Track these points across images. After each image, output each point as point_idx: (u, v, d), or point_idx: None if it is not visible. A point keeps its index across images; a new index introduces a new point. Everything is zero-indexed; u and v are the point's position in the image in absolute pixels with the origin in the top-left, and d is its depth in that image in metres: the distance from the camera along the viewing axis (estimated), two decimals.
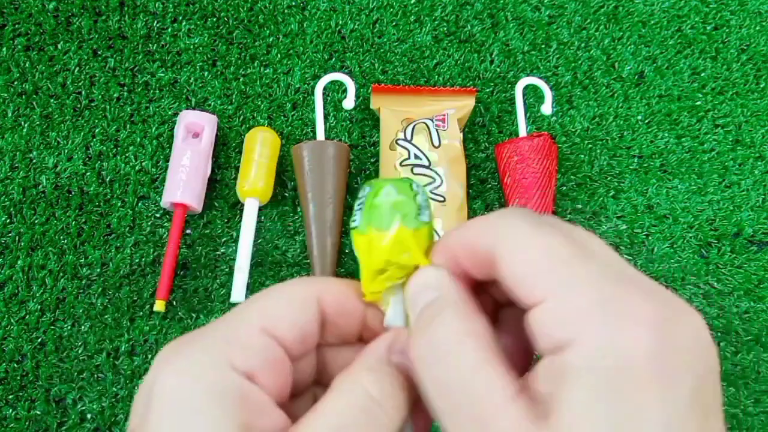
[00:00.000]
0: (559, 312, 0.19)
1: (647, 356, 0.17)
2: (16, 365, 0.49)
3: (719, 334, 0.53)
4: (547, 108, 0.56)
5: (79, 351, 0.50)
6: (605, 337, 0.18)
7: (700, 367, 0.18)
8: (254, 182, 0.52)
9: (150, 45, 0.57)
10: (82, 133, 0.54)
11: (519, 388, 0.19)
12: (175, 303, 0.51)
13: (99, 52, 0.56)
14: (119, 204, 0.53)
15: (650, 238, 0.55)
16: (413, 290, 0.23)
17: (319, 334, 0.24)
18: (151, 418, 0.19)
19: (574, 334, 0.18)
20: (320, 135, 0.54)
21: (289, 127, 0.56)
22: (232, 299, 0.50)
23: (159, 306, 0.49)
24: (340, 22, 0.58)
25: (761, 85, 0.59)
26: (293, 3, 0.59)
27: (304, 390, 0.25)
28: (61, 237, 0.52)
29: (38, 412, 0.49)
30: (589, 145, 0.57)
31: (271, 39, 0.58)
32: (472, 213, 0.54)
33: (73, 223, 0.52)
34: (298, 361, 0.24)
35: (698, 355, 0.18)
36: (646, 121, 0.58)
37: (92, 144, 0.54)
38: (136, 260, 0.52)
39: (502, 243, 0.21)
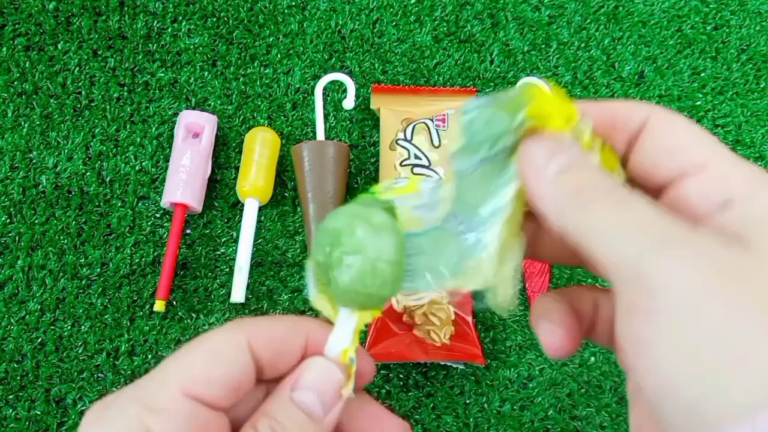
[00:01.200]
0: (726, 175, 0.20)
1: None
2: (16, 365, 0.49)
3: None
4: None
5: (79, 351, 0.50)
6: None
7: None
8: (254, 182, 0.52)
9: (150, 45, 0.57)
10: (82, 133, 0.54)
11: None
12: (175, 303, 0.51)
13: (99, 52, 0.56)
14: (119, 204, 0.53)
15: None
16: (541, 151, 0.21)
17: (255, 378, 0.23)
18: None
19: (746, 192, 0.19)
20: (320, 135, 0.54)
21: (289, 127, 0.56)
22: (232, 299, 0.50)
23: (159, 306, 0.49)
24: (340, 22, 0.58)
25: (761, 85, 0.59)
26: (293, 3, 0.59)
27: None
28: (61, 237, 0.52)
29: (38, 412, 0.49)
30: None
31: (271, 39, 0.58)
32: None
33: (73, 223, 0.52)
34: (239, 404, 0.23)
35: None
36: None
37: (92, 144, 0.54)
38: (136, 260, 0.52)
39: (660, 114, 0.21)
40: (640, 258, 0.18)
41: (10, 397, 0.49)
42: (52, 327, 0.50)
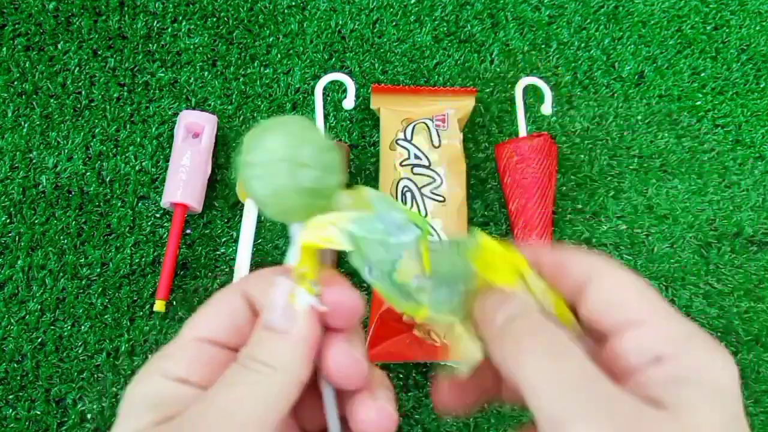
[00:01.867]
0: (660, 332, 0.22)
1: (734, 381, 0.22)
2: (16, 365, 0.49)
3: (719, 334, 0.53)
4: (547, 108, 0.56)
5: (79, 351, 0.50)
6: (702, 359, 0.22)
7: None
8: None
9: (150, 45, 0.57)
10: (82, 133, 0.54)
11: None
12: (175, 303, 0.51)
13: (99, 52, 0.56)
14: (119, 204, 0.53)
15: (650, 238, 0.55)
16: (496, 311, 0.24)
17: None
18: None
19: (677, 350, 0.22)
20: None
21: None
22: None
23: (159, 306, 0.49)
24: (340, 22, 0.58)
25: (761, 85, 0.59)
26: (293, 3, 0.59)
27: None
28: (61, 237, 0.52)
29: (38, 412, 0.49)
30: (589, 145, 0.57)
31: (271, 39, 0.58)
32: (472, 213, 0.54)
33: (73, 223, 0.52)
34: None
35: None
36: (646, 121, 0.58)
37: (92, 144, 0.54)
38: (136, 260, 0.52)
39: (604, 268, 0.24)
40: (563, 421, 0.20)
41: (10, 397, 0.49)
42: (52, 327, 0.50)
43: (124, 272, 0.52)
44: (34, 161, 0.53)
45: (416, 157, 0.53)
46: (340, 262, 0.53)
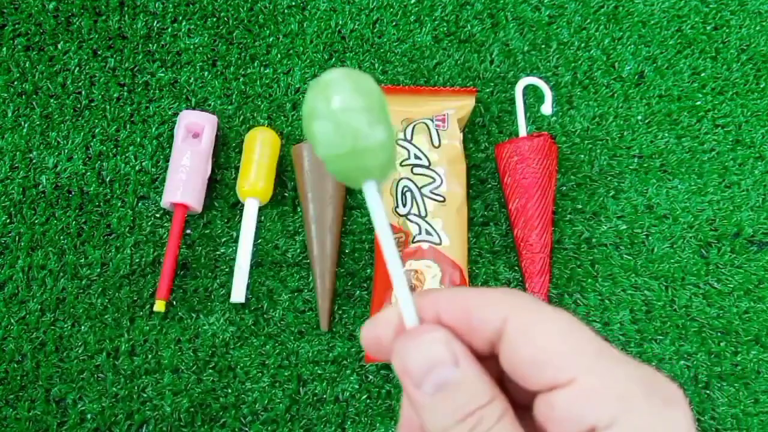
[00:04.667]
0: (594, 392, 0.19)
1: None
2: (16, 365, 0.49)
3: (719, 334, 0.53)
4: (547, 108, 0.56)
5: (79, 351, 0.50)
6: (647, 421, 0.18)
7: None
8: (254, 182, 0.52)
9: (150, 45, 0.57)
10: (82, 133, 0.54)
11: None
12: (175, 303, 0.51)
13: (99, 52, 0.56)
14: (119, 204, 0.53)
15: (650, 238, 0.55)
16: (417, 363, 0.20)
17: None
18: None
19: (613, 416, 0.18)
20: None
21: (289, 127, 0.56)
22: (232, 299, 0.50)
23: (159, 306, 0.49)
24: (340, 22, 0.58)
25: (761, 85, 0.59)
26: (293, 3, 0.59)
27: None
28: (61, 237, 0.52)
29: (38, 412, 0.49)
30: (589, 145, 0.57)
31: (271, 39, 0.58)
32: (472, 213, 0.54)
33: (73, 223, 0.52)
34: None
35: None
36: (646, 121, 0.58)
37: (92, 144, 0.54)
38: (136, 260, 0.52)
39: (518, 315, 0.20)
40: None
41: (10, 397, 0.49)
42: (52, 327, 0.50)
43: (124, 272, 0.52)
44: (34, 161, 0.54)
45: (416, 157, 0.53)
46: (340, 262, 0.53)
